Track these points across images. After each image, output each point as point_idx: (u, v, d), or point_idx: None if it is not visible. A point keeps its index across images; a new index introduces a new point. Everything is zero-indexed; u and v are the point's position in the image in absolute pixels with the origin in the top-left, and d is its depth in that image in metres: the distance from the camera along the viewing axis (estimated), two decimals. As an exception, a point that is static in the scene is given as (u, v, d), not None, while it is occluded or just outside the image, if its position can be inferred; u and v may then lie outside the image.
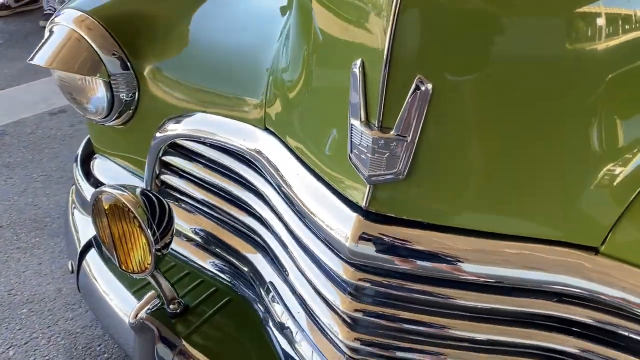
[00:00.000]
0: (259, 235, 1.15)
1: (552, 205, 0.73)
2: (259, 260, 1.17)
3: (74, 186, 1.56)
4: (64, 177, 2.52)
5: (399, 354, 0.88)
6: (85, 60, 1.19)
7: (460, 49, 0.66)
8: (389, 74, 0.66)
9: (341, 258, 0.83)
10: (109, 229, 1.09)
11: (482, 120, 0.70)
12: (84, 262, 1.36)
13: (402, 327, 0.84)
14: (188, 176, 1.25)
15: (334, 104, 0.79)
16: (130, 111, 1.29)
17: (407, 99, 0.66)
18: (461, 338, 0.83)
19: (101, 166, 1.50)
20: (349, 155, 0.75)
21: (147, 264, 1.07)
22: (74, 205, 1.50)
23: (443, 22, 0.65)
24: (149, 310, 1.06)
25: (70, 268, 1.41)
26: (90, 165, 1.54)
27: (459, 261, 0.75)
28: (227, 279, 1.25)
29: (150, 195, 1.06)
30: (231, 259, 1.22)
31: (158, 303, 1.07)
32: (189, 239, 1.32)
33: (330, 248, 0.85)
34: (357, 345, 0.88)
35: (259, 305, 1.18)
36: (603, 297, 0.72)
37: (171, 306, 1.14)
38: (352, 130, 0.72)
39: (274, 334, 1.10)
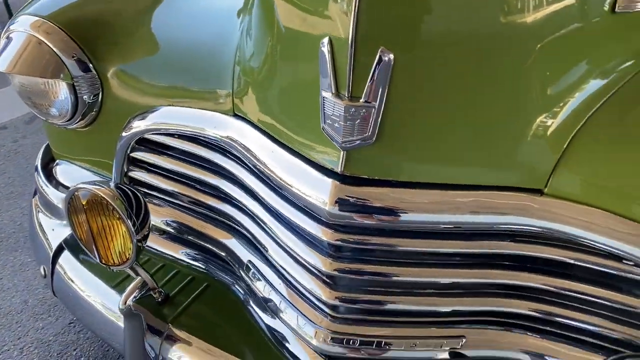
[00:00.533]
0: (234, 219, 1.21)
1: (501, 156, 0.85)
2: (234, 244, 1.23)
3: (36, 196, 1.56)
4: (14, 193, 2.47)
5: (375, 306, 0.97)
6: (47, 63, 1.22)
7: (415, 22, 0.76)
8: (355, 49, 0.75)
9: (320, 222, 0.91)
10: (88, 224, 1.12)
11: (436, 85, 0.80)
12: (57, 265, 1.37)
13: (378, 280, 0.94)
14: (158, 170, 1.29)
15: (304, 82, 0.88)
16: (94, 112, 1.32)
17: (372, 69, 0.75)
18: (429, 284, 0.93)
19: (64, 171, 1.51)
20: (323, 127, 0.83)
21: (128, 254, 1.11)
22: (38, 210, 1.51)
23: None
24: (135, 298, 1.11)
25: (42, 273, 1.42)
26: (52, 171, 1.55)
27: (428, 212, 0.85)
28: (202, 266, 1.31)
29: (125, 188, 1.10)
30: (207, 245, 1.28)
31: (144, 289, 1.11)
32: (161, 233, 1.36)
33: (309, 215, 0.93)
34: (337, 303, 0.97)
35: (237, 287, 1.24)
36: (550, 231, 0.84)
37: (153, 295, 1.18)
38: (324, 102, 0.81)
39: (255, 312, 1.17)
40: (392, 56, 0.75)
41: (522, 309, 0.95)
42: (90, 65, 1.25)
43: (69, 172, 1.50)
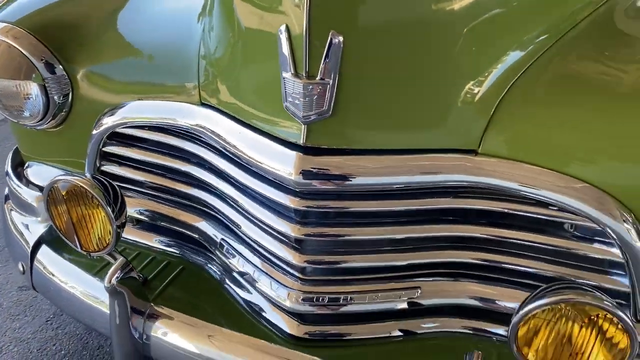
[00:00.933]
0: (206, 203, 1.30)
1: (440, 123, 0.99)
2: (207, 226, 1.33)
3: (8, 201, 1.61)
4: (-23, 205, 2.47)
5: (339, 266, 1.09)
6: (18, 66, 1.29)
7: (359, 8, 0.90)
8: (309, 33, 0.87)
9: (287, 191, 1.03)
10: (68, 214, 1.20)
11: (381, 62, 0.93)
12: (35, 261, 1.43)
13: (341, 241, 1.06)
14: (130, 163, 1.37)
15: (265, 67, 1.00)
16: (64, 113, 1.39)
17: (325, 51, 0.88)
18: (386, 241, 1.06)
19: (36, 172, 1.57)
20: (285, 105, 0.95)
21: (108, 239, 1.19)
22: (11, 209, 1.56)
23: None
24: (118, 278, 1.19)
25: (21, 269, 1.47)
26: (23, 173, 1.60)
27: (381, 175, 0.99)
28: (176, 251, 1.40)
29: (100, 179, 1.19)
30: (180, 230, 1.37)
31: (126, 269, 1.19)
32: (134, 223, 1.44)
33: (276, 186, 1.05)
34: (305, 265, 1.08)
35: (211, 267, 1.34)
36: (484, 185, 0.98)
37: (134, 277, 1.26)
38: (285, 82, 0.93)
39: (232, 289, 1.27)
40: (341, 38, 0.87)
41: (467, 259, 1.09)
42: (60, 66, 1.32)
43: (40, 173, 1.56)
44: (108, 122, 1.31)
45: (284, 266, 1.13)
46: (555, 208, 0.99)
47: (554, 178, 0.97)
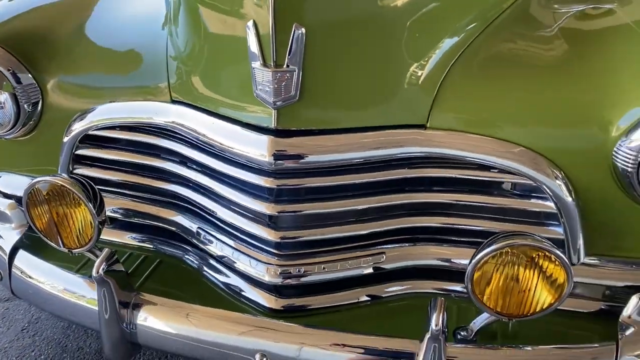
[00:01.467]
0: (180, 195, 1.38)
1: (391, 102, 1.13)
2: (182, 219, 1.41)
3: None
4: None
5: (311, 238, 1.20)
6: (-12, 76, 1.34)
7: (318, 4, 1.03)
8: (275, 27, 0.99)
9: (261, 172, 1.14)
10: (50, 214, 1.26)
11: (339, 50, 1.07)
12: (13, 267, 1.47)
13: (311, 215, 1.17)
14: (103, 164, 1.43)
15: (236, 61, 1.11)
16: (32, 122, 1.44)
17: (289, 41, 1.00)
18: (350, 212, 1.19)
19: (6, 182, 1.59)
20: (256, 93, 1.06)
21: (90, 234, 1.25)
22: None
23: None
24: (104, 269, 1.25)
25: (-1, 276, 1.50)
26: (-9, 184, 1.62)
27: (343, 152, 1.11)
28: (151, 247, 1.48)
29: (78, 178, 1.26)
30: (156, 224, 1.44)
31: (111, 260, 1.25)
32: (109, 223, 1.50)
33: (250, 169, 1.15)
34: (281, 240, 1.19)
35: (188, 257, 1.42)
36: (433, 154, 1.13)
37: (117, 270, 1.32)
38: (254, 72, 1.04)
39: (211, 275, 1.36)
40: (303, 30, 0.99)
41: (425, 223, 1.22)
42: (29, 75, 1.38)
43: (10, 183, 1.58)
44: (79, 126, 1.37)
45: (261, 244, 1.23)
46: (497, 170, 1.14)
47: (494, 144, 1.12)
